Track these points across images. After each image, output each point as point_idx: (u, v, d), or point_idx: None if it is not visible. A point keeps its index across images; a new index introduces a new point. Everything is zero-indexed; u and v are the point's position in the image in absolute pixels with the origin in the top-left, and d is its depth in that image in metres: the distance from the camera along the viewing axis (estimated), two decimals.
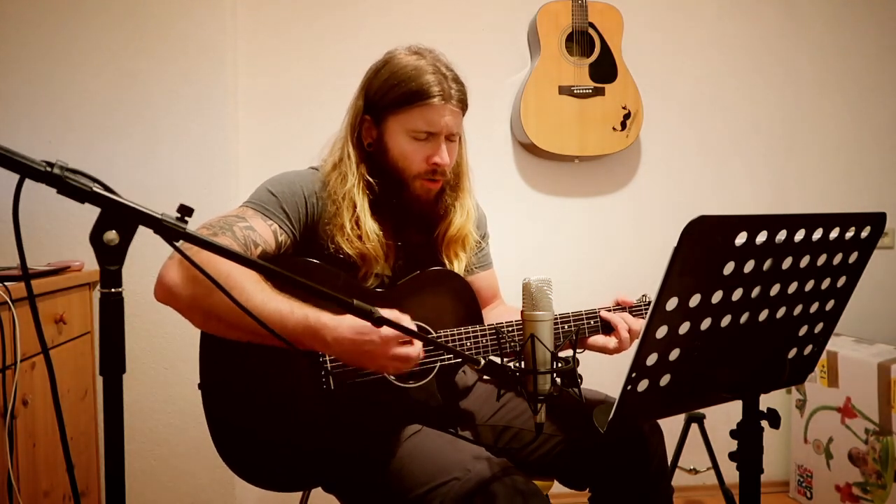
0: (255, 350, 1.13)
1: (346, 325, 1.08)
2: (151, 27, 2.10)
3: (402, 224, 1.36)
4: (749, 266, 0.87)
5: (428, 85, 1.25)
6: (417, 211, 1.35)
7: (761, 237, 0.85)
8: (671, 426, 1.75)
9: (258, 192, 1.30)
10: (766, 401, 1.05)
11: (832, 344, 2.29)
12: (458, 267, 1.40)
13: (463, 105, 1.32)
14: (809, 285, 0.97)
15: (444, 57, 1.34)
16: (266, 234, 1.23)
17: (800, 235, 0.89)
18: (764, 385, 1.00)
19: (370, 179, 1.32)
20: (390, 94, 1.28)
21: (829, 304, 1.03)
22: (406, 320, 1.10)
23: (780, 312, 0.97)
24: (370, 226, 1.29)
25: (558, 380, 1.04)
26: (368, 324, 1.04)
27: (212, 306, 1.10)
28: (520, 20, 2.37)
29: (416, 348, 1.11)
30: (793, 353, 1.04)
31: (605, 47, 2.30)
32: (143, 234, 0.76)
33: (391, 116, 1.29)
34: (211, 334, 1.19)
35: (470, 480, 1.09)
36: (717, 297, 0.88)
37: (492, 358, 1.05)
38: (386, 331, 1.07)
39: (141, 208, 0.74)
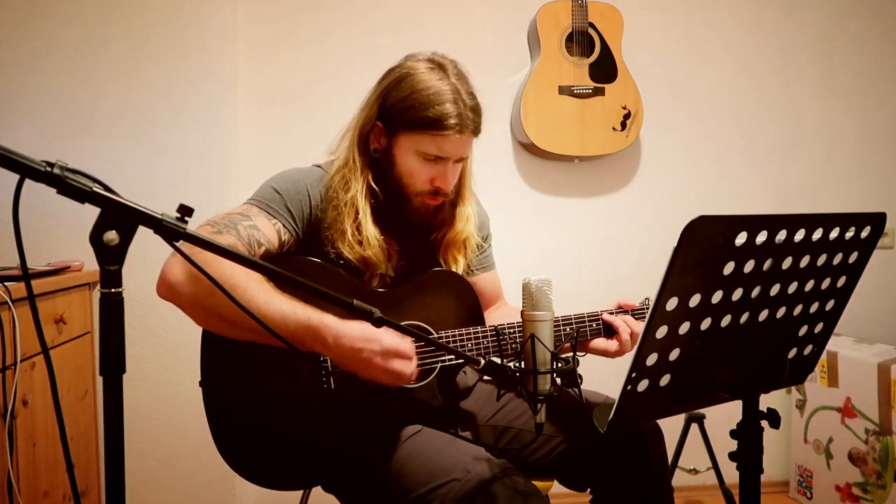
0: (257, 348, 1.13)
1: (349, 328, 1.08)
2: (151, 26, 2.10)
3: (403, 228, 1.36)
4: (749, 266, 0.87)
5: (447, 116, 1.24)
6: (417, 222, 1.36)
7: (761, 237, 0.85)
8: (671, 426, 1.75)
9: (263, 189, 1.30)
10: (766, 401, 1.05)
11: (832, 344, 2.29)
12: (457, 270, 1.40)
13: (477, 132, 1.30)
14: (809, 285, 0.97)
15: (464, 71, 1.31)
16: (270, 233, 1.23)
17: (800, 235, 0.89)
18: (764, 385, 1.00)
19: (374, 187, 1.32)
20: (408, 115, 1.26)
21: (829, 304, 1.03)
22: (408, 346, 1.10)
23: (780, 312, 0.97)
24: (371, 231, 1.29)
25: (558, 380, 1.04)
26: (376, 332, 1.06)
27: (214, 305, 1.10)
28: (520, 20, 2.37)
29: (412, 366, 1.11)
30: (793, 353, 1.04)
31: (605, 47, 2.30)
32: (144, 234, 0.76)
33: (404, 133, 1.28)
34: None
35: (470, 481, 1.09)
36: (717, 297, 0.88)
37: (492, 358, 1.05)
38: (389, 342, 1.07)
39: (141, 208, 0.74)
